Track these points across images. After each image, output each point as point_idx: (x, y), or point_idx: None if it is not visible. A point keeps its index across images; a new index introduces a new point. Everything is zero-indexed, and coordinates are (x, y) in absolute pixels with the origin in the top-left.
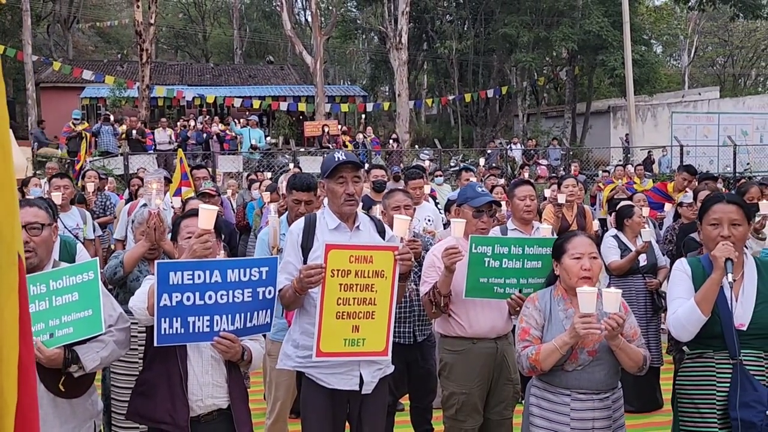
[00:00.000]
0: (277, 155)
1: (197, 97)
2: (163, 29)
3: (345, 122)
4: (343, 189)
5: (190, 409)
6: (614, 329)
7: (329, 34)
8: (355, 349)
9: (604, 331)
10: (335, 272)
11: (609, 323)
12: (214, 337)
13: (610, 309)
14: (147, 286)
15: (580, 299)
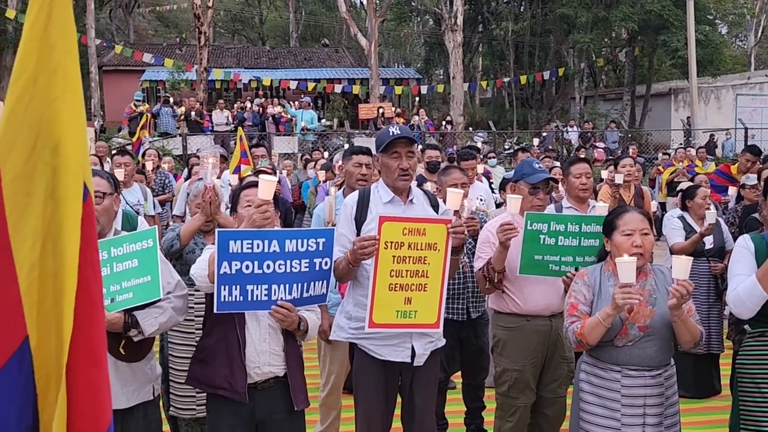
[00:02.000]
0: (331, 137)
1: (253, 80)
2: (221, 13)
3: (399, 105)
4: (397, 163)
5: (247, 375)
6: (682, 297)
7: (384, 16)
8: (407, 321)
9: (672, 300)
10: (388, 244)
11: (677, 289)
12: (271, 305)
13: (680, 276)
14: (208, 254)
15: (620, 269)
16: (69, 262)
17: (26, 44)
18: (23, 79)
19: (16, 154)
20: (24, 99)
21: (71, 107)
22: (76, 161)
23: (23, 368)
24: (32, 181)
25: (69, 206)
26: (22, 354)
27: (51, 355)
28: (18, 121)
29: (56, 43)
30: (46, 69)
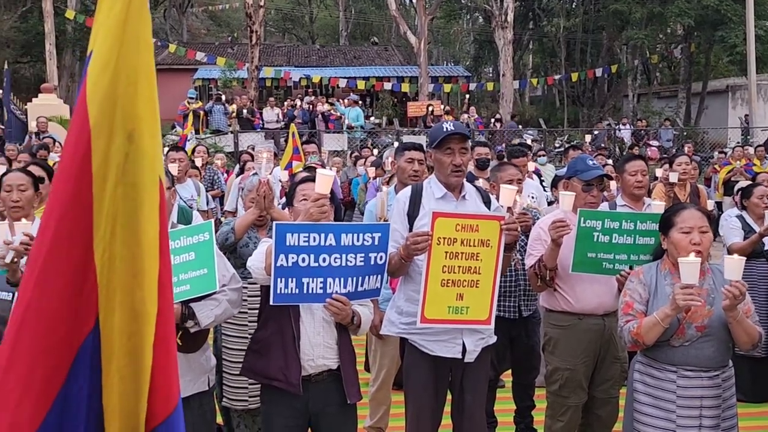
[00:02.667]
0: (380, 135)
1: (303, 78)
2: (272, 12)
3: (448, 103)
4: (450, 159)
5: (302, 368)
6: (735, 298)
7: (434, 14)
8: (458, 317)
9: (725, 301)
10: (441, 240)
11: (730, 290)
12: (326, 299)
13: (732, 276)
14: (264, 246)
15: (682, 270)
16: (148, 246)
17: (105, 33)
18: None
19: (101, 141)
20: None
21: (146, 95)
22: (152, 148)
23: (95, 345)
24: (108, 167)
25: (144, 192)
26: (95, 332)
27: (113, 335)
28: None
29: (132, 32)
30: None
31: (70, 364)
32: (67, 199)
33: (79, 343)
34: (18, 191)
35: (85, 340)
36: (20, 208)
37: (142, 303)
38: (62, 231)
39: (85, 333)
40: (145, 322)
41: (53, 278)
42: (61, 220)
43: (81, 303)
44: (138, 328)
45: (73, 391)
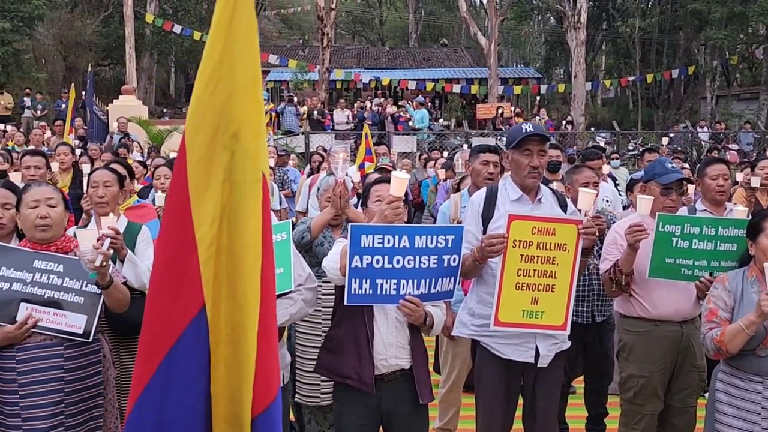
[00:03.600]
0: (449, 137)
1: (373, 80)
2: (342, 15)
3: (518, 105)
4: (528, 161)
5: (375, 367)
6: None
7: (504, 15)
8: (533, 321)
9: None
10: (517, 243)
11: None
12: (399, 300)
13: None
14: (339, 247)
15: None
16: (250, 240)
17: (214, 36)
18: (210, 68)
19: (200, 137)
20: (210, 86)
21: (251, 95)
22: (255, 147)
23: (200, 334)
24: (212, 163)
25: (247, 189)
26: (199, 320)
27: (220, 325)
28: (204, 107)
29: (239, 35)
30: (230, 59)
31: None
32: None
33: (183, 326)
34: (104, 187)
35: (188, 325)
36: (105, 203)
37: (244, 295)
38: (165, 220)
39: (189, 319)
40: (247, 314)
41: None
42: (166, 209)
43: (181, 290)
44: (241, 320)
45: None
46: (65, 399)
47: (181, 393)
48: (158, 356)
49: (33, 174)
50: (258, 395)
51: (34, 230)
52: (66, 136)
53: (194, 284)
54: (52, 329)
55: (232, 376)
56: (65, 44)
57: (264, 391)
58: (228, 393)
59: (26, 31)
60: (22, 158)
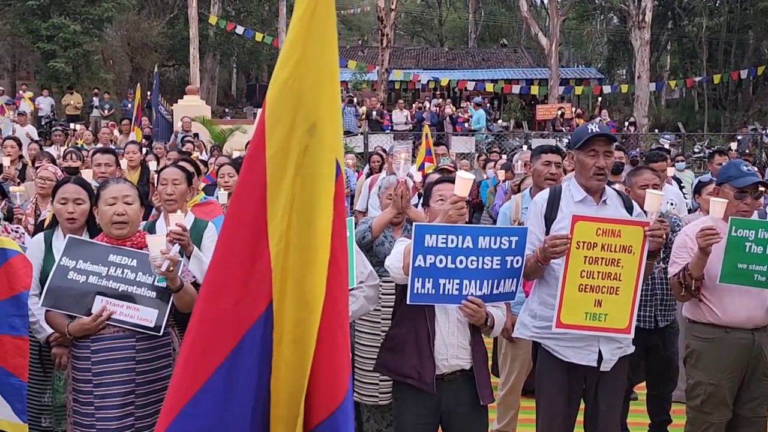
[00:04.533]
0: (508, 138)
1: (432, 81)
2: (402, 15)
3: (578, 105)
4: (594, 162)
5: (435, 367)
6: None
7: (566, 14)
8: (596, 323)
9: None
10: (581, 244)
11: None
12: (461, 300)
13: None
14: (402, 246)
15: None
16: (321, 235)
17: (295, 32)
18: (291, 63)
19: (279, 131)
20: (289, 81)
21: (329, 91)
22: (331, 142)
23: (267, 329)
24: (287, 157)
25: (321, 184)
26: (267, 315)
27: (284, 322)
28: (283, 101)
29: (319, 32)
30: (309, 55)
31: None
32: (241, 186)
33: (249, 323)
34: (172, 185)
35: (256, 321)
36: (174, 201)
37: (311, 291)
38: (235, 214)
39: (257, 315)
40: (312, 311)
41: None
42: (235, 203)
43: (251, 285)
44: (306, 316)
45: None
46: (136, 390)
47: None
48: (217, 358)
49: (103, 171)
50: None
51: (110, 226)
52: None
53: (264, 279)
54: (125, 322)
55: (292, 377)
56: (132, 45)
57: (327, 396)
58: (288, 394)
59: (96, 33)
60: (93, 156)
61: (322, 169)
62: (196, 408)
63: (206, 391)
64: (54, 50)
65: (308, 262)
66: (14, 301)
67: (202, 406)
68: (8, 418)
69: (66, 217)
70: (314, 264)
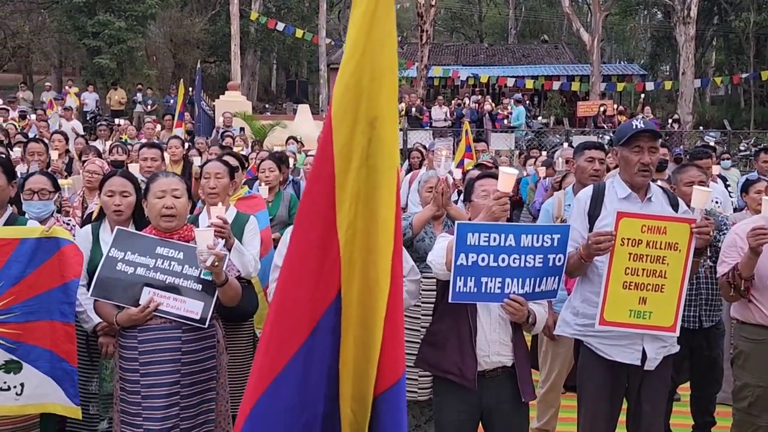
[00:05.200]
0: (548, 134)
1: (471, 77)
2: (441, 11)
3: (620, 102)
4: (638, 158)
5: (477, 363)
6: None
7: (609, 10)
8: (640, 321)
9: None
10: (625, 241)
11: None
12: (504, 298)
13: None
14: (445, 242)
15: None
16: (384, 224)
17: (356, 30)
18: (355, 58)
19: (345, 125)
20: (354, 77)
21: (389, 84)
22: (391, 134)
23: (337, 315)
24: (352, 150)
25: (384, 174)
26: (337, 302)
27: (352, 305)
28: (348, 96)
29: (380, 28)
30: (370, 51)
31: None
32: (312, 177)
33: (322, 310)
34: (215, 179)
35: (327, 308)
36: (216, 194)
37: (375, 278)
38: (307, 205)
39: (328, 302)
40: (378, 296)
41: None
42: (307, 195)
43: (323, 274)
44: (372, 301)
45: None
46: (181, 380)
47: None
48: (296, 343)
49: (149, 165)
50: (384, 373)
51: (159, 219)
52: (184, 130)
53: (334, 268)
54: (172, 314)
55: (360, 355)
56: (175, 42)
57: (390, 370)
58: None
59: (140, 29)
60: (140, 150)
61: (384, 160)
62: (277, 390)
63: (286, 375)
64: (99, 47)
65: (372, 249)
66: (65, 288)
67: (282, 389)
68: (61, 402)
69: (113, 209)
70: (377, 252)
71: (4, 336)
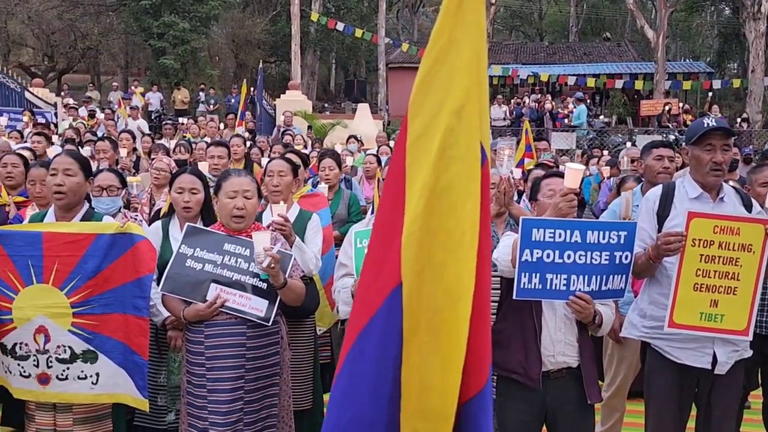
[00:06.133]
0: (610, 134)
1: (531, 76)
2: (501, 9)
3: (685, 101)
4: (710, 157)
5: (542, 363)
6: None
7: (675, 6)
8: (711, 324)
9: None
10: (696, 242)
11: None
12: (569, 296)
13: None
14: (510, 240)
15: None
16: (466, 220)
17: (443, 20)
18: (436, 50)
19: (421, 117)
20: (435, 66)
21: (476, 74)
22: (477, 125)
23: (393, 312)
24: (431, 141)
25: (466, 166)
26: (393, 297)
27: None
28: (427, 87)
29: (468, 17)
30: (457, 41)
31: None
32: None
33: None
34: (278, 177)
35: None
36: (279, 192)
37: (457, 278)
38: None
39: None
40: (458, 297)
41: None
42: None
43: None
44: (448, 303)
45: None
46: (245, 375)
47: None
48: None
49: (216, 164)
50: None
51: (229, 219)
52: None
53: (395, 261)
54: (237, 310)
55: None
56: (236, 42)
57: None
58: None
59: (203, 30)
60: (208, 148)
61: (468, 152)
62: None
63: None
64: (164, 47)
65: (451, 248)
66: (138, 283)
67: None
68: (131, 393)
69: (182, 206)
70: (459, 250)
71: (82, 326)
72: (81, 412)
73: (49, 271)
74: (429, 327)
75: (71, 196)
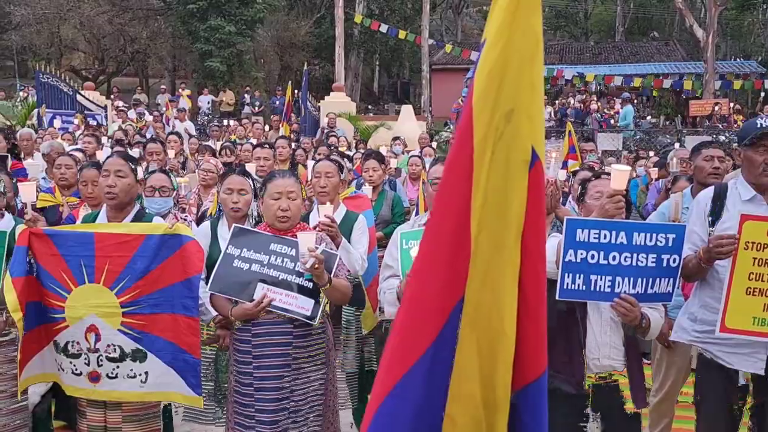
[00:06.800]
0: (658, 135)
1: (576, 76)
2: (546, 9)
3: (736, 101)
4: (764, 158)
5: (586, 366)
6: None
7: (725, 4)
8: (765, 329)
9: None
10: (749, 245)
11: None
12: (614, 298)
13: None
14: (554, 241)
15: None
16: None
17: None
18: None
19: (484, 116)
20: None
21: (529, 80)
22: (528, 128)
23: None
24: (488, 141)
25: (513, 169)
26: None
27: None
28: (489, 87)
29: (525, 19)
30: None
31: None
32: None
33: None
34: (325, 177)
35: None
36: (326, 193)
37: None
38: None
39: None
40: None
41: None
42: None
43: (455, 269)
44: (495, 299)
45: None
46: (292, 374)
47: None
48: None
49: (262, 165)
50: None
51: (274, 219)
52: (287, 131)
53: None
54: (284, 309)
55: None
56: (281, 45)
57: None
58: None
59: (248, 33)
60: (254, 150)
61: (516, 154)
62: (404, 390)
63: (414, 374)
64: (210, 50)
65: (496, 245)
66: (187, 283)
67: (410, 388)
68: (181, 391)
69: (231, 206)
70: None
71: (131, 326)
72: (130, 409)
73: (100, 271)
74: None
75: (122, 196)
